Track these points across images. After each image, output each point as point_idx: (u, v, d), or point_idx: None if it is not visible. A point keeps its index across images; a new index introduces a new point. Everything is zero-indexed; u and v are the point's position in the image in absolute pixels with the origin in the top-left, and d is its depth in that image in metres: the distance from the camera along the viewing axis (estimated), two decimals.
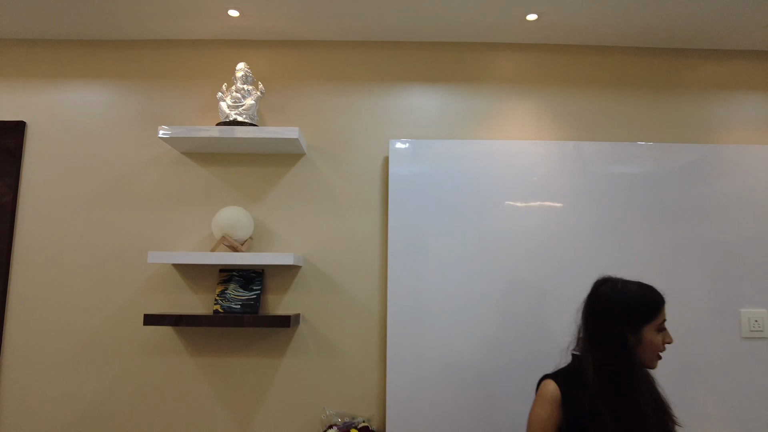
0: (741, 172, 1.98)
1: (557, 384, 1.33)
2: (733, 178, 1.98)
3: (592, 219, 1.92)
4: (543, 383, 1.36)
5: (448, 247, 1.88)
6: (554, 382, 1.34)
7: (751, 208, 1.96)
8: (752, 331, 1.88)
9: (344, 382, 1.86)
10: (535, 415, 1.34)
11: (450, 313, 1.85)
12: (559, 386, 1.33)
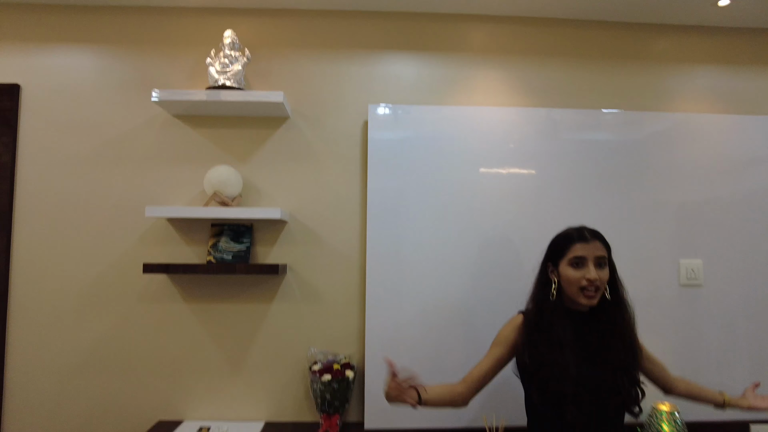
0: (692, 139, 2.19)
1: (525, 317, 1.54)
2: (685, 145, 2.18)
3: (561, 181, 2.11)
4: (515, 315, 1.59)
5: (425, 204, 2.06)
6: (523, 315, 1.56)
7: (697, 172, 2.18)
8: (689, 279, 2.12)
9: (328, 324, 2.07)
10: (499, 334, 1.58)
11: (426, 263, 2.04)
12: (525, 319, 1.53)
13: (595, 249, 1.46)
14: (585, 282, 1.44)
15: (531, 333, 1.48)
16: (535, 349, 1.45)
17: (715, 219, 2.16)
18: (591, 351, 1.46)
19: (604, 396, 1.43)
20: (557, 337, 1.43)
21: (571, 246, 1.47)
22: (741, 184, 2.19)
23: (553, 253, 1.53)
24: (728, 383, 2.11)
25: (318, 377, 1.87)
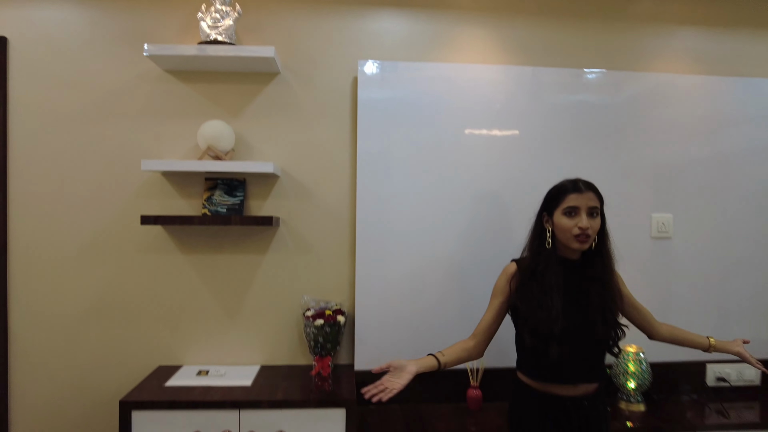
0: (670, 100, 2.27)
1: (517, 265, 1.65)
2: (663, 105, 2.27)
3: (544, 140, 2.20)
4: (509, 264, 1.69)
5: (413, 160, 2.14)
6: (515, 263, 1.66)
7: (674, 131, 2.28)
8: (659, 232, 2.26)
9: (319, 274, 2.17)
10: (495, 285, 1.69)
11: (414, 218, 2.14)
12: (518, 267, 1.64)
13: (588, 199, 1.54)
14: (577, 230, 1.52)
15: (525, 278, 1.59)
16: (528, 293, 1.56)
17: (687, 176, 2.28)
18: (577, 295, 1.57)
19: (587, 337, 1.55)
20: (549, 283, 1.53)
21: (565, 196, 1.55)
22: (714, 143, 2.30)
23: (548, 202, 1.61)
24: (696, 328, 2.28)
25: (311, 322, 1.99)
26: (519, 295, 1.59)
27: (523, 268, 1.62)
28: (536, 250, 1.61)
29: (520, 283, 1.61)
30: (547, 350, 1.50)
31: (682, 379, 2.27)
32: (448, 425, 1.90)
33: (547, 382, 1.58)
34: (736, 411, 2.10)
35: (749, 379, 2.31)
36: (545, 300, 1.52)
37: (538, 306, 1.52)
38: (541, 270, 1.56)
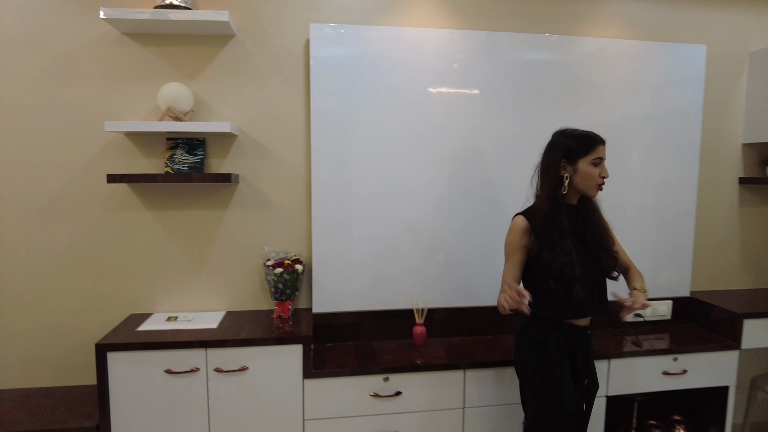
0: (615, 63, 2.46)
1: (524, 217, 1.77)
2: (608, 68, 2.45)
3: (503, 97, 2.37)
4: (514, 219, 1.79)
5: (368, 121, 2.28)
6: (522, 216, 1.77)
7: (617, 93, 2.48)
8: None
9: (278, 227, 2.35)
10: (507, 241, 1.80)
11: (371, 171, 2.30)
12: (526, 218, 1.76)
13: (605, 152, 1.73)
14: (600, 179, 1.71)
15: (542, 228, 1.71)
16: (549, 240, 1.69)
17: (621, 134, 2.50)
18: (581, 236, 1.77)
19: (596, 272, 1.77)
20: (564, 228, 1.69)
21: (595, 147, 1.70)
22: (647, 104, 2.52)
23: (573, 151, 1.69)
24: None
25: (271, 270, 2.18)
26: (540, 245, 1.71)
27: (536, 219, 1.73)
28: (553, 198, 1.71)
29: (537, 233, 1.72)
30: (571, 291, 1.68)
31: (604, 315, 2.56)
32: (395, 357, 2.14)
33: (566, 318, 1.77)
34: (649, 341, 2.41)
35: (662, 314, 2.63)
36: (565, 245, 1.67)
37: (561, 252, 1.66)
38: (556, 215, 1.70)
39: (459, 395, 2.12)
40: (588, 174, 1.70)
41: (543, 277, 1.72)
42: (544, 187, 1.73)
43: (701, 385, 2.36)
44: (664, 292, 2.64)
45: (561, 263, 1.66)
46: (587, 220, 1.79)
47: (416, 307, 2.34)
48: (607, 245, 1.80)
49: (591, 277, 1.76)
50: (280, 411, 2.02)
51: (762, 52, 2.65)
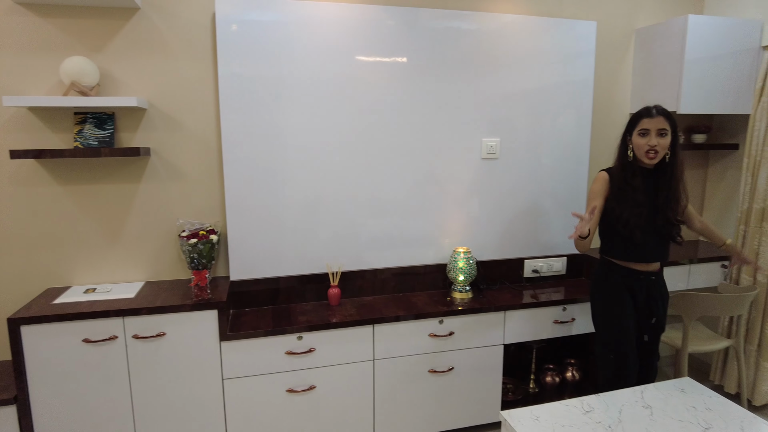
0: (510, 38, 2.63)
1: (608, 174, 2.14)
2: (505, 42, 2.62)
3: (423, 70, 2.49)
4: (599, 173, 2.17)
5: (281, 90, 2.35)
6: (605, 171, 2.16)
7: (510, 65, 2.65)
8: (488, 153, 2.70)
9: (192, 198, 2.41)
10: (591, 190, 2.18)
11: (282, 139, 2.39)
12: (609, 175, 2.13)
13: (657, 123, 2.00)
14: (647, 147, 2.02)
15: (617, 183, 2.09)
16: (622, 194, 2.07)
17: (514, 105, 2.70)
18: (651, 197, 2.09)
19: (658, 227, 2.09)
20: (635, 186, 2.05)
21: (640, 120, 2.04)
22: (539, 77, 2.72)
23: (629, 125, 2.09)
24: (516, 230, 2.81)
25: (186, 241, 2.26)
26: (614, 196, 2.10)
27: (613, 176, 2.12)
28: (623, 162, 2.11)
29: (613, 186, 2.11)
30: (633, 236, 2.06)
31: (505, 272, 2.83)
32: (309, 318, 2.30)
33: (629, 261, 2.15)
34: (546, 294, 2.68)
35: (557, 270, 2.91)
36: (632, 199, 2.05)
37: (629, 204, 2.05)
38: (629, 177, 2.07)
39: (369, 348, 2.31)
40: (637, 144, 2.06)
41: (613, 223, 2.12)
42: (617, 153, 2.16)
43: (585, 331, 2.67)
44: (560, 249, 2.92)
45: (627, 212, 2.06)
46: (659, 185, 2.10)
47: (330, 270, 2.49)
48: (670, 210, 2.09)
49: (653, 229, 2.09)
50: (199, 372, 2.14)
51: (646, 29, 2.90)
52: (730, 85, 2.79)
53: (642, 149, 2.05)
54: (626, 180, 2.09)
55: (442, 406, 2.47)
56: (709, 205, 3.29)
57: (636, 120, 2.07)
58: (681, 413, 1.80)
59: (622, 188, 2.09)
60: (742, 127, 3.02)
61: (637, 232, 2.06)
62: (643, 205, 2.06)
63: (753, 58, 2.79)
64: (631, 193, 2.07)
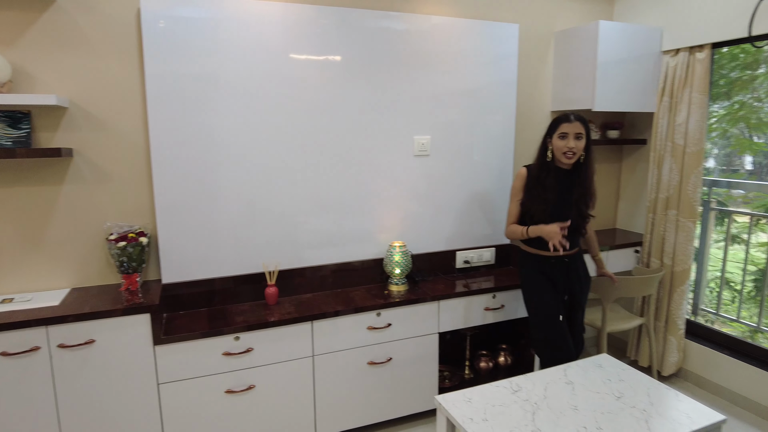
0: (440, 39, 2.72)
1: (526, 168, 2.39)
2: (435, 43, 2.70)
3: (356, 70, 2.51)
4: (520, 169, 2.40)
5: (211, 88, 2.31)
6: (525, 167, 2.40)
7: (439, 65, 2.74)
8: (420, 151, 2.79)
9: (120, 201, 2.33)
10: (513, 185, 2.43)
11: (214, 139, 2.36)
12: (528, 172, 2.37)
13: (575, 127, 2.24)
14: (565, 149, 2.24)
15: (532, 181, 2.34)
16: (533, 191, 2.32)
17: (446, 104, 2.81)
18: (565, 194, 2.31)
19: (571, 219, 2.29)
20: (547, 184, 2.29)
21: (560, 125, 2.26)
22: (478, 75, 2.84)
23: (550, 129, 2.30)
24: (440, 224, 2.93)
25: (114, 244, 2.18)
26: (528, 192, 2.35)
27: (531, 173, 2.36)
28: (541, 162, 2.34)
29: (529, 183, 2.35)
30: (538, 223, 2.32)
31: (439, 264, 2.94)
32: (246, 318, 2.29)
33: (540, 249, 2.39)
34: (477, 283, 2.81)
35: (487, 260, 3.06)
36: (544, 197, 2.29)
37: (540, 201, 2.30)
38: (543, 176, 2.31)
39: (308, 345, 2.34)
40: (557, 146, 2.29)
41: (530, 213, 2.37)
42: (540, 153, 2.37)
43: (513, 317, 2.83)
44: (489, 240, 3.07)
45: (535, 208, 2.32)
46: (575, 183, 2.33)
47: (267, 270, 2.49)
48: (583, 206, 2.35)
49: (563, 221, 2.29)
50: (132, 379, 2.08)
51: (564, 32, 3.10)
52: (637, 85, 3.04)
53: (561, 150, 2.26)
54: (540, 179, 2.32)
55: (382, 396, 2.54)
56: (623, 196, 3.57)
57: (556, 124, 2.28)
58: (598, 386, 1.97)
59: (535, 186, 2.33)
60: (649, 124, 3.30)
61: None
62: (549, 202, 2.30)
63: (655, 61, 3.06)
64: (542, 191, 2.31)
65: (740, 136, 5.08)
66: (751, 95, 4.70)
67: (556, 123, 2.29)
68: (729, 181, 3.32)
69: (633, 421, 1.72)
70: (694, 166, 2.90)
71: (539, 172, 2.34)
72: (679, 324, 3.05)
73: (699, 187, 2.92)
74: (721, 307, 3.28)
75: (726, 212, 3.28)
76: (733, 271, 3.44)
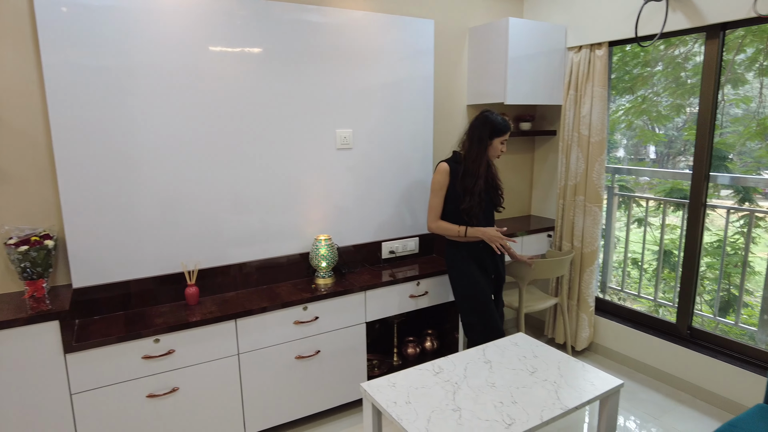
0: (364, 33, 2.73)
1: (447, 164, 2.52)
2: (354, 37, 2.72)
3: (277, 63, 2.46)
4: (439, 164, 2.56)
5: (128, 84, 2.20)
6: (445, 163, 2.54)
7: (359, 60, 2.77)
8: (342, 144, 2.82)
9: (20, 203, 2.16)
10: (434, 180, 2.56)
11: (128, 138, 2.24)
12: (447, 164, 2.52)
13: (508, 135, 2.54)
14: (500, 152, 2.55)
15: (459, 173, 2.51)
16: (464, 182, 2.50)
17: (367, 98, 2.85)
18: (486, 180, 2.54)
19: (489, 209, 2.60)
20: (478, 174, 2.48)
21: (505, 133, 2.51)
22: (397, 70, 2.89)
23: (494, 132, 2.49)
24: (367, 215, 2.98)
25: (14, 249, 2.04)
26: (462, 187, 2.50)
27: (454, 167, 2.53)
28: (476, 157, 2.49)
29: (460, 178, 2.51)
30: (472, 220, 2.52)
31: (365, 256, 2.99)
32: (166, 319, 2.22)
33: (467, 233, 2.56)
34: (402, 272, 2.88)
35: (411, 249, 3.15)
36: (479, 192, 2.50)
37: (476, 195, 2.49)
38: (476, 166, 2.49)
39: (233, 343, 2.30)
40: (496, 147, 2.53)
41: (456, 210, 2.54)
42: (475, 150, 2.50)
43: (436, 302, 2.94)
44: (412, 230, 3.15)
45: (473, 203, 2.49)
46: (488, 176, 2.58)
47: (186, 269, 2.42)
48: (498, 196, 2.65)
49: (486, 212, 2.59)
50: (41, 392, 1.96)
51: (477, 28, 3.23)
52: (546, 79, 3.23)
53: (497, 151, 2.55)
54: (477, 174, 2.49)
55: (312, 389, 2.55)
56: (537, 184, 3.78)
57: (503, 131, 2.52)
58: (514, 363, 2.09)
59: (472, 182, 2.50)
60: (557, 116, 3.52)
61: (476, 219, 2.54)
62: (482, 195, 2.51)
63: (561, 57, 3.27)
64: (471, 186, 2.50)
65: (644, 128, 5.55)
66: (651, 90, 5.14)
67: (503, 130, 2.51)
68: (630, 168, 3.62)
69: (545, 393, 1.86)
70: (598, 154, 3.14)
71: (473, 163, 2.50)
72: (589, 302, 3.30)
73: (603, 174, 3.16)
74: (625, 284, 3.58)
75: (629, 197, 3.57)
76: (641, 251, 3.76)
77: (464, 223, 2.55)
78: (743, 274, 3.00)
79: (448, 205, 2.57)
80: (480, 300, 2.59)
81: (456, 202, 2.54)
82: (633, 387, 2.99)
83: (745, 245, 3.09)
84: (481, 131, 2.49)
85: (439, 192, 2.56)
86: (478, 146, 2.49)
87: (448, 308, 3.09)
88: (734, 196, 4.39)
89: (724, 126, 4.85)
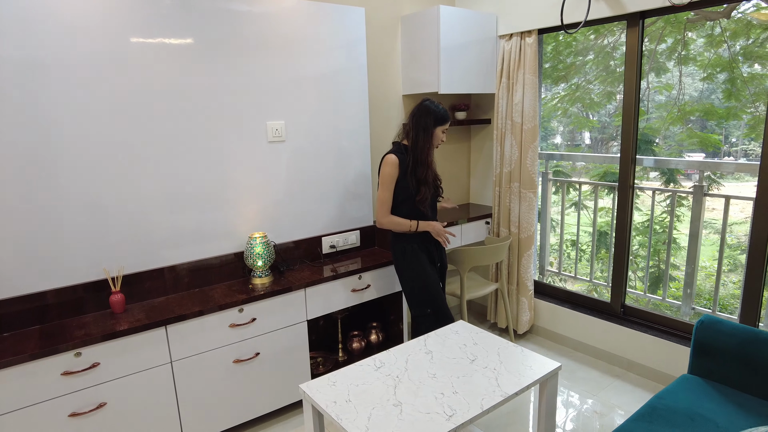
0: (291, 22, 2.63)
1: (397, 157, 2.48)
2: (285, 26, 2.60)
3: (198, 53, 2.31)
4: (386, 157, 2.51)
5: (39, 76, 2.00)
6: (394, 155, 2.49)
7: (289, 51, 2.67)
8: (274, 136, 2.72)
9: None
10: (385, 173, 2.50)
11: (40, 136, 2.04)
12: (396, 156, 2.48)
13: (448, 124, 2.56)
14: (441, 141, 2.55)
15: (411, 161, 2.49)
16: (424, 176, 2.50)
17: (299, 89, 2.75)
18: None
19: (433, 198, 2.64)
20: (428, 162, 2.50)
21: (447, 122, 2.52)
22: (324, 61, 2.80)
23: (437, 121, 2.48)
24: (305, 210, 2.90)
25: None
26: (415, 178, 2.49)
27: (402, 158, 2.50)
28: (422, 144, 2.48)
29: (412, 170, 2.49)
30: (422, 210, 2.56)
31: (305, 252, 2.91)
32: (89, 331, 2.06)
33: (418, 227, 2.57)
34: (344, 266, 2.83)
35: (352, 242, 3.10)
36: (427, 174, 2.51)
37: (424, 181, 2.50)
38: (423, 156, 2.49)
39: (164, 351, 2.18)
40: (438, 136, 2.53)
41: (406, 200, 2.54)
42: (422, 139, 2.49)
43: (380, 295, 2.91)
44: (353, 223, 3.10)
45: (428, 193, 2.53)
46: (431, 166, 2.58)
47: (110, 275, 2.27)
48: (438, 188, 2.67)
49: (432, 201, 2.64)
50: None
51: (409, 17, 3.20)
52: (479, 68, 3.25)
53: (437, 141, 2.54)
54: (427, 163, 2.51)
55: (253, 393, 2.47)
56: (474, 173, 3.82)
57: (444, 120, 2.52)
58: (455, 352, 2.10)
59: (425, 172, 2.51)
60: (491, 105, 3.56)
61: (427, 207, 2.58)
62: (426, 187, 2.53)
63: (493, 45, 3.30)
64: (428, 174, 2.52)
65: (579, 115, 5.74)
66: (584, 78, 5.32)
67: (445, 119, 2.52)
68: (562, 153, 3.72)
69: (485, 380, 1.86)
70: (531, 141, 3.20)
71: (421, 152, 2.49)
72: (528, 285, 3.37)
73: (536, 160, 3.22)
74: (564, 266, 3.69)
75: (562, 182, 3.67)
76: (580, 234, 3.88)
77: (412, 214, 2.56)
78: (668, 250, 3.15)
79: (395, 198, 2.55)
80: (432, 291, 2.60)
81: (404, 193, 2.52)
82: (572, 366, 3.09)
83: (669, 223, 3.26)
84: (425, 120, 2.48)
85: (390, 185, 2.51)
86: (425, 135, 2.48)
87: (393, 300, 3.07)
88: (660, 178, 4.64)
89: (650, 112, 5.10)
